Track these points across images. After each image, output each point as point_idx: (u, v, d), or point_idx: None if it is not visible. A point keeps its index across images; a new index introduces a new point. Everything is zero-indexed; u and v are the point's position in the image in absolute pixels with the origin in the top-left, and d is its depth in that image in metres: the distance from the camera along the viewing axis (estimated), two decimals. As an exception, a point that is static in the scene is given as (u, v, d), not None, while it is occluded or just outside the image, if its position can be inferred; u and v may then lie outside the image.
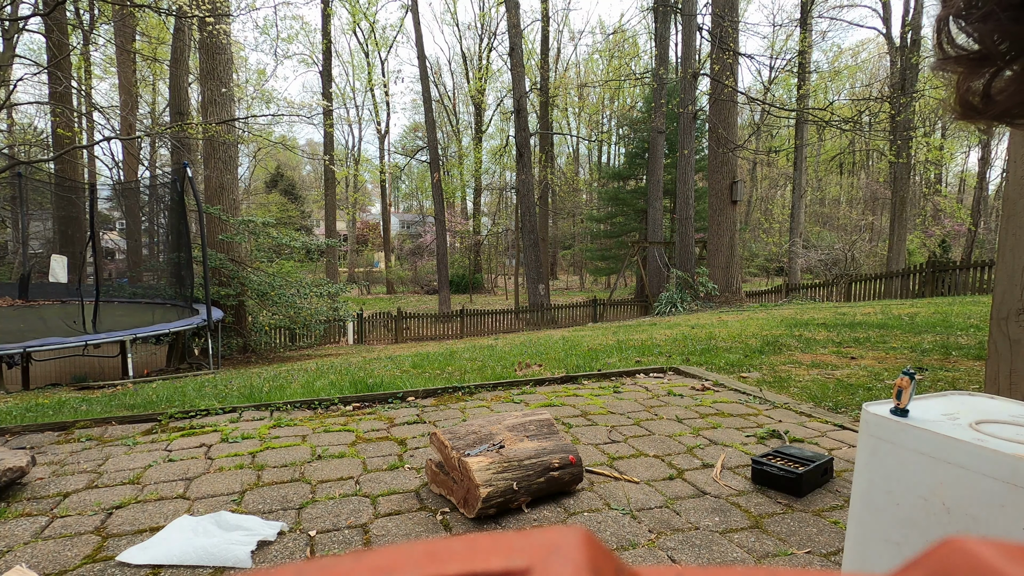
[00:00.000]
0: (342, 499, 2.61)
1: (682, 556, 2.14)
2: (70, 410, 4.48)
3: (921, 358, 5.15)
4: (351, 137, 38.95)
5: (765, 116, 22.33)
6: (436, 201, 21.48)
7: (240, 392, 4.89)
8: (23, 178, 11.92)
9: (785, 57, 24.59)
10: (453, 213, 32.66)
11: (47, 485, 2.83)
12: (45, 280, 12.07)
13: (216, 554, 2.12)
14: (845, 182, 37.13)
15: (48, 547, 2.23)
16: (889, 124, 18.55)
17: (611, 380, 4.97)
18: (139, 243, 15.45)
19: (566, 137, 35.95)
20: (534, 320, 17.46)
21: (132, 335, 7.86)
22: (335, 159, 27.47)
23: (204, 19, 9.47)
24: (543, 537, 0.10)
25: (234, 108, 11.99)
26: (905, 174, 19.48)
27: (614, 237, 27.96)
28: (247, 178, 37.55)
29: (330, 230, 26.82)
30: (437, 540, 0.10)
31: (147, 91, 25.15)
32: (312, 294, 12.18)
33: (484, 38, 32.97)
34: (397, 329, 16.09)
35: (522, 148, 18.51)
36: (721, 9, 13.43)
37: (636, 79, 26.11)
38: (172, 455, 3.22)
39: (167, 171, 17.86)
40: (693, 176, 17.24)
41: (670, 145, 21.38)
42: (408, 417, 3.90)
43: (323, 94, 25.37)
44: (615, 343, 7.09)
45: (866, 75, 32.49)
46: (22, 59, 14.22)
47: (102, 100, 23.68)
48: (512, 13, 18.59)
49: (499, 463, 2.43)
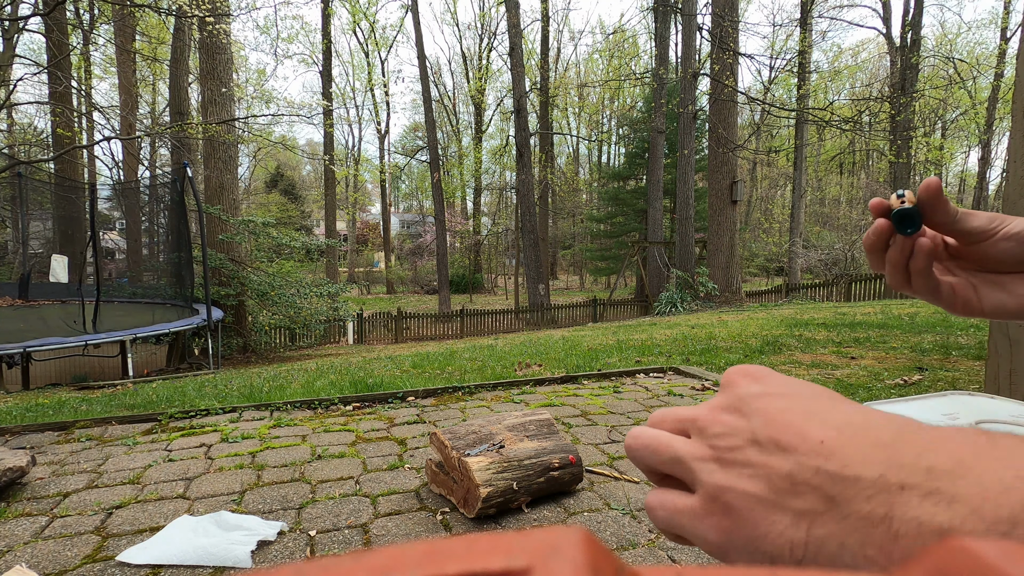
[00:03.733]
0: (342, 499, 2.61)
1: (682, 556, 2.14)
2: (70, 410, 4.48)
3: (921, 358, 5.15)
4: (351, 137, 38.95)
5: (765, 116, 22.34)
6: (436, 201, 21.48)
7: (240, 392, 4.89)
8: (23, 178, 11.92)
9: (785, 57, 24.60)
10: (453, 213, 32.66)
11: (47, 485, 2.83)
12: (45, 280, 12.09)
13: (216, 554, 2.12)
14: (845, 182, 37.12)
15: (48, 547, 2.23)
16: (889, 124, 18.55)
17: (611, 380, 4.96)
18: (139, 243, 15.45)
19: (566, 137, 35.96)
20: (534, 320, 17.46)
21: (132, 335, 7.86)
22: (335, 159, 27.46)
23: (204, 19, 9.47)
24: (543, 537, 0.10)
25: (234, 108, 11.99)
26: (905, 174, 19.47)
27: (614, 237, 27.96)
28: (247, 178, 37.57)
29: (330, 230, 26.82)
30: (437, 540, 0.10)
31: (147, 91, 25.15)
32: (312, 294, 12.18)
33: (484, 38, 32.99)
34: (397, 329, 16.09)
35: (522, 148, 18.51)
36: (721, 9, 13.43)
37: (636, 79, 26.11)
38: (172, 455, 3.22)
39: (167, 171, 17.87)
40: (693, 176, 17.24)
41: (670, 145, 21.38)
42: (408, 417, 3.90)
43: (323, 94, 25.37)
44: (615, 343, 7.09)
45: (866, 75, 32.50)
46: (22, 59, 14.22)
47: (102, 100, 23.69)
48: (512, 13, 18.59)
49: (499, 463, 2.43)
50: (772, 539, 0.23)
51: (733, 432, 0.27)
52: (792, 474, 0.24)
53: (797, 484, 0.23)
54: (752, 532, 0.24)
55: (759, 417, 0.27)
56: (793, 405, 0.27)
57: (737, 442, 0.27)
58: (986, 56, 23.94)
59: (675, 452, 0.29)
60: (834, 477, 0.22)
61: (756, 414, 0.27)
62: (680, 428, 0.30)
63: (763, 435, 0.26)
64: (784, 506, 0.23)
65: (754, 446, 0.26)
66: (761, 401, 0.27)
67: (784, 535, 0.23)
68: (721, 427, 0.28)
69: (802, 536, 0.23)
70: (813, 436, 0.24)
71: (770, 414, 0.26)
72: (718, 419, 0.28)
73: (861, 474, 0.22)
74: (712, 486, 0.26)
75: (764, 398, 0.28)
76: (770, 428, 0.26)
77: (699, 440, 0.28)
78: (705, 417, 0.29)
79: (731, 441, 0.27)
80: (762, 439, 0.26)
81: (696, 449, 0.28)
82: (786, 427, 0.25)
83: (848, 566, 0.21)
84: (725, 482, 0.26)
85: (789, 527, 0.23)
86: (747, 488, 0.25)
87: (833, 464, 0.23)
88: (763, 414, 0.27)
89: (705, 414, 0.29)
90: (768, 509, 0.24)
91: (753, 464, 0.25)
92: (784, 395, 0.28)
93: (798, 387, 0.28)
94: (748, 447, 0.26)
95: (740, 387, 0.29)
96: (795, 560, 0.23)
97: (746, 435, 0.26)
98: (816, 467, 0.23)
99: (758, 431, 0.26)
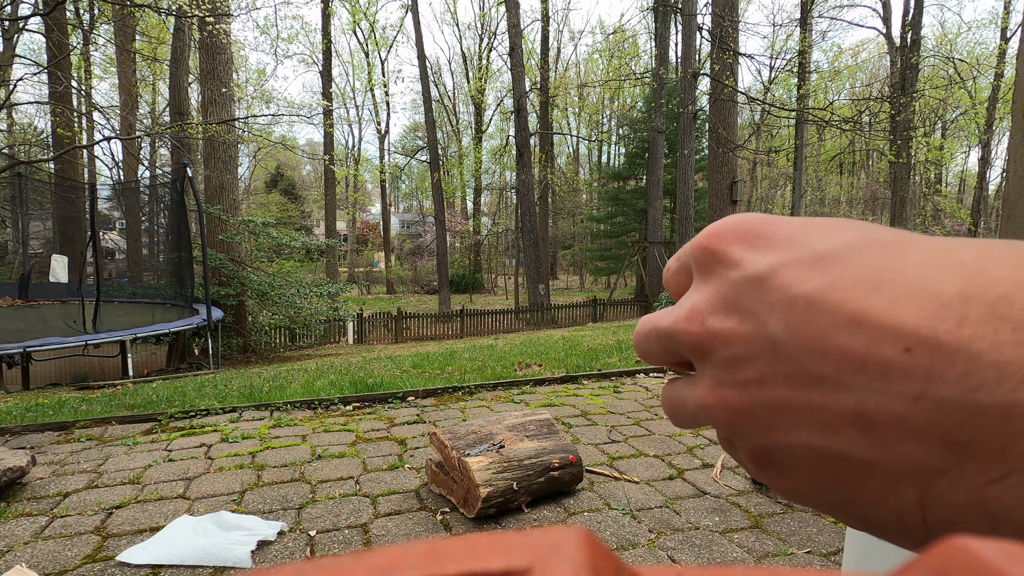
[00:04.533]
0: (342, 499, 2.61)
1: (682, 556, 2.14)
2: (70, 410, 4.48)
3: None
4: (351, 137, 38.94)
5: (765, 116, 22.32)
6: (436, 201, 21.47)
7: (240, 392, 4.88)
8: (23, 178, 11.92)
9: (785, 57, 24.59)
10: (453, 213, 32.63)
11: (47, 485, 2.82)
12: (45, 280, 12.08)
13: (216, 554, 2.12)
14: (845, 182, 37.13)
15: (48, 547, 2.23)
16: (889, 124, 18.54)
17: (611, 380, 4.96)
18: (139, 243, 15.45)
19: (566, 137, 35.94)
20: (534, 320, 17.45)
21: (132, 335, 7.85)
22: (335, 159, 27.46)
23: (204, 19, 9.47)
24: (543, 537, 0.10)
25: (234, 108, 11.99)
26: (905, 174, 19.48)
27: (614, 237, 27.95)
28: (247, 178, 37.56)
29: (330, 230, 26.81)
30: (437, 540, 0.10)
31: (147, 91, 25.15)
32: (312, 294, 12.17)
33: (484, 38, 32.97)
34: (397, 329, 16.08)
35: (522, 148, 18.51)
36: (721, 9, 13.43)
37: (636, 79, 26.11)
38: (172, 455, 3.22)
39: (167, 171, 17.87)
40: (693, 176, 17.24)
41: (670, 145, 21.37)
42: (408, 417, 3.90)
43: (323, 94, 25.36)
44: (615, 343, 7.09)
45: (866, 75, 32.49)
46: (22, 59, 14.21)
47: (102, 100, 23.69)
48: (512, 13, 18.59)
49: (499, 463, 2.43)
50: (865, 507, 0.15)
51: (746, 355, 0.17)
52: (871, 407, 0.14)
53: (893, 430, 0.14)
54: (832, 497, 0.16)
55: (783, 317, 0.16)
56: (839, 273, 0.15)
57: (756, 372, 0.16)
58: (986, 56, 23.93)
59: (685, 407, 0.19)
60: (969, 409, 0.13)
61: (775, 311, 0.16)
62: (672, 353, 0.20)
63: (800, 354, 0.15)
64: (873, 462, 0.14)
65: (787, 379, 0.16)
66: (779, 281, 0.16)
67: (882, 504, 0.15)
68: (728, 345, 0.17)
69: (914, 507, 0.14)
70: (903, 331, 0.14)
71: (800, 307, 0.15)
72: (714, 333, 0.17)
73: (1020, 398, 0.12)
74: (753, 453, 0.17)
75: (782, 274, 0.16)
76: (810, 338, 0.15)
77: (701, 373, 0.18)
78: (696, 333, 0.18)
79: (756, 369, 0.16)
80: (799, 360, 0.15)
81: (705, 394, 0.18)
82: (840, 328, 0.15)
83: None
84: (760, 442, 0.17)
85: (884, 493, 0.15)
86: (800, 441, 0.16)
87: (960, 387, 0.13)
88: (789, 309, 0.16)
89: (696, 329, 0.18)
90: (844, 467, 0.15)
91: (798, 408, 0.15)
92: (814, 258, 0.16)
93: (826, 230, 0.17)
94: (780, 382, 0.16)
95: (738, 265, 0.17)
96: (913, 539, 0.15)
97: (767, 357, 0.16)
98: (921, 392, 0.13)
99: (788, 347, 0.15)
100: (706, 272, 0.19)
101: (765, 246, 0.17)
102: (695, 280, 0.19)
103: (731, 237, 0.18)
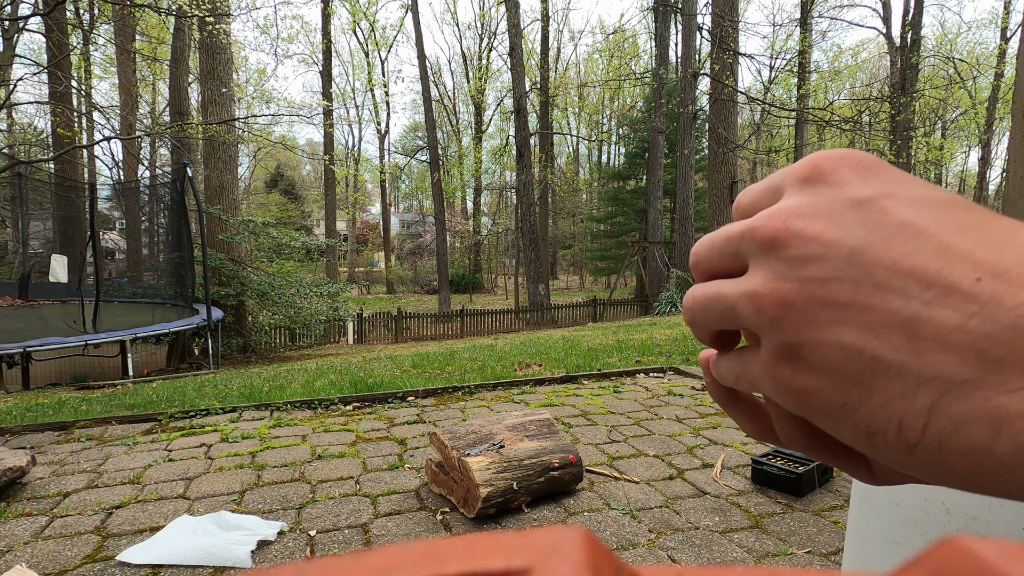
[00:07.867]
0: (342, 499, 2.61)
1: (682, 556, 2.14)
2: (70, 410, 4.48)
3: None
4: (351, 137, 38.94)
5: (765, 116, 22.32)
6: (436, 201, 21.47)
7: (240, 392, 4.88)
8: (23, 178, 11.92)
9: (785, 57, 24.60)
10: (453, 213, 32.65)
11: (47, 485, 2.83)
12: (45, 280, 12.07)
13: (216, 554, 2.12)
14: (845, 182, 37.09)
15: (48, 547, 2.23)
16: (889, 124, 18.54)
17: (611, 380, 4.97)
18: (139, 243, 15.45)
19: (566, 137, 35.95)
20: (534, 320, 17.45)
21: (132, 335, 7.85)
22: (335, 159, 27.47)
23: (204, 19, 9.47)
24: (543, 537, 0.10)
25: (234, 108, 11.99)
26: (905, 174, 19.45)
27: (614, 237, 27.97)
28: (247, 178, 37.56)
29: (330, 230, 26.82)
30: (437, 540, 0.10)
31: (147, 91, 25.15)
32: (312, 294, 12.18)
33: (484, 38, 32.97)
34: (397, 329, 16.08)
35: (522, 148, 18.51)
36: (721, 9, 13.43)
37: (636, 79, 26.11)
38: (172, 455, 3.22)
39: (167, 171, 17.88)
40: (693, 176, 17.25)
41: (670, 145, 21.38)
42: (408, 417, 3.90)
43: (323, 94, 25.35)
44: (615, 343, 7.09)
45: (866, 75, 32.50)
46: (22, 59, 14.21)
47: (102, 100, 23.68)
48: (512, 13, 18.59)
49: (499, 463, 2.43)
50: (872, 410, 0.17)
51: (819, 256, 0.18)
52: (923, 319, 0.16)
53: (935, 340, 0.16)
54: (843, 397, 0.17)
55: (872, 234, 0.17)
56: (931, 215, 0.17)
57: (822, 272, 0.18)
58: (986, 56, 23.94)
59: (723, 298, 0.20)
60: (1014, 329, 0.15)
61: (867, 228, 0.17)
62: (734, 254, 0.20)
63: (874, 265, 0.17)
64: (901, 367, 0.16)
65: (852, 282, 0.17)
66: (880, 205, 0.18)
67: (890, 407, 0.16)
68: (805, 244, 0.18)
69: (922, 411, 0.16)
70: (980, 264, 0.16)
71: (891, 230, 0.17)
72: (794, 231, 0.18)
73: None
74: (781, 346, 0.18)
75: (884, 202, 0.18)
76: (890, 255, 0.17)
77: (758, 268, 0.19)
78: (775, 227, 0.19)
79: (823, 269, 0.18)
80: (871, 270, 0.17)
81: (761, 284, 0.19)
82: (922, 253, 0.16)
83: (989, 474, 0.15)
84: (794, 336, 0.18)
85: (898, 397, 0.16)
86: (837, 339, 0.17)
87: (1013, 312, 0.15)
88: (881, 228, 0.17)
89: (777, 224, 0.19)
90: (871, 368, 0.17)
91: (851, 308, 0.17)
92: (915, 199, 0.18)
93: (927, 185, 0.19)
94: (844, 284, 0.17)
95: (843, 186, 0.19)
96: (901, 446, 0.16)
97: (840, 263, 0.17)
98: (976, 312, 0.15)
99: (865, 257, 0.17)
100: (806, 186, 0.19)
101: (874, 179, 0.19)
102: (787, 194, 0.20)
103: (844, 162, 0.19)
